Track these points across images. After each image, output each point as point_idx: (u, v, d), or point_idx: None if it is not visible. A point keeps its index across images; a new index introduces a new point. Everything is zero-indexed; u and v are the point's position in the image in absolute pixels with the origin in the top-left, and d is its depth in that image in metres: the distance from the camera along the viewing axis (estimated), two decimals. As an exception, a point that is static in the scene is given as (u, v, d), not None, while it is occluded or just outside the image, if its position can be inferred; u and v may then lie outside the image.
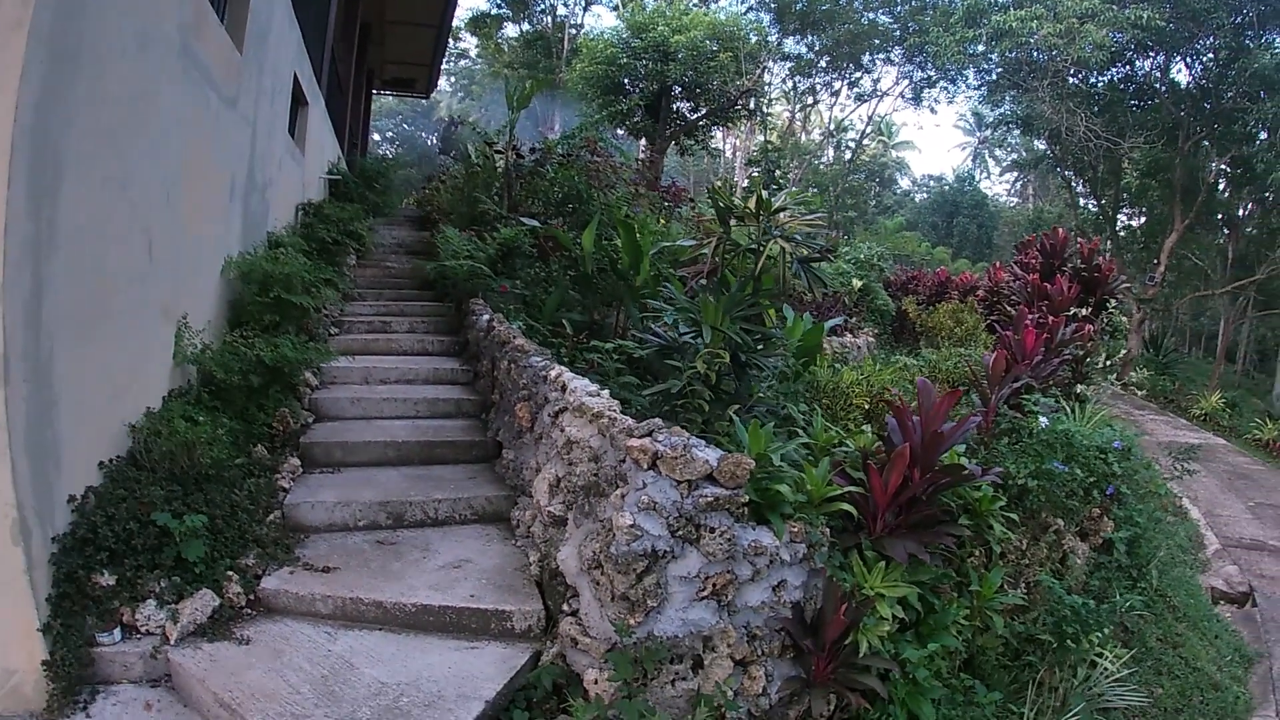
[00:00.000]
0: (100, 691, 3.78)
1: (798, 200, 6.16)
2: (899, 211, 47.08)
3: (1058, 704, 5.16)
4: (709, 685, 3.84)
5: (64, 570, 3.82)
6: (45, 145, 3.57)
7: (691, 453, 3.75)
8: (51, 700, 3.62)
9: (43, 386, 3.68)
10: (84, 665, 3.77)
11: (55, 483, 3.85)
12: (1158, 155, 26.98)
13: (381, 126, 42.34)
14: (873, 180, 49.02)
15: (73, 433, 3.97)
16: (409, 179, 22.72)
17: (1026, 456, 6.00)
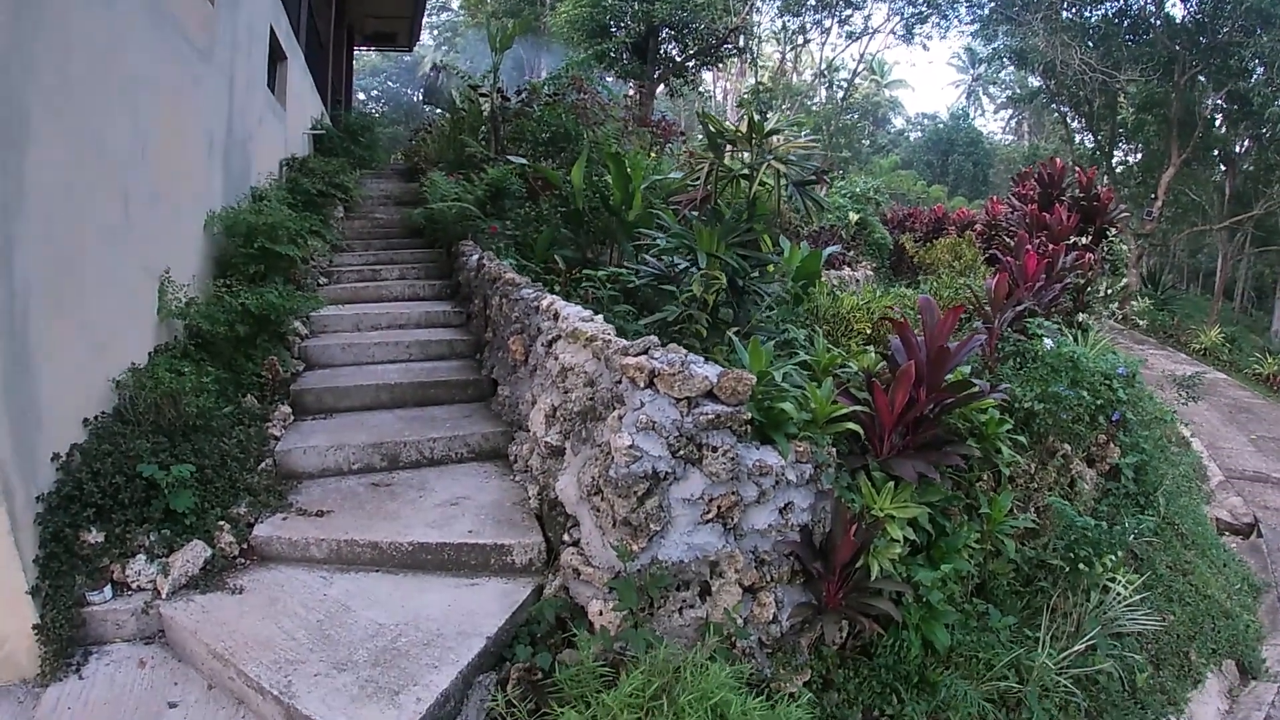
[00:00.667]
0: (93, 652, 3.70)
1: (791, 123, 5.95)
2: (893, 151, 46.50)
3: (1072, 629, 5.10)
4: (718, 613, 3.73)
5: (50, 530, 3.72)
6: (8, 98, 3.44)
7: (690, 369, 3.59)
8: (44, 665, 3.54)
9: (18, 344, 3.56)
10: (75, 626, 3.69)
11: (37, 441, 3.74)
12: (1153, 90, 26.65)
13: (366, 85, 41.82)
14: (866, 120, 48.49)
15: (54, 390, 3.86)
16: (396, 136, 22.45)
17: (1032, 380, 5.88)
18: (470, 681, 3.48)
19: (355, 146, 12.68)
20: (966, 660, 4.60)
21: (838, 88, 42.66)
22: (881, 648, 4.32)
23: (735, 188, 5.85)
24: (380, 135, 14.64)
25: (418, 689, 3.28)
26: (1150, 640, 5.80)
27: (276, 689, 3.25)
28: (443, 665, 3.44)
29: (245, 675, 3.36)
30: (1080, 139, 32.82)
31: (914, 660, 4.33)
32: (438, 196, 8.35)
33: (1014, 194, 14.08)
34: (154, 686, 3.53)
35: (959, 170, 43.80)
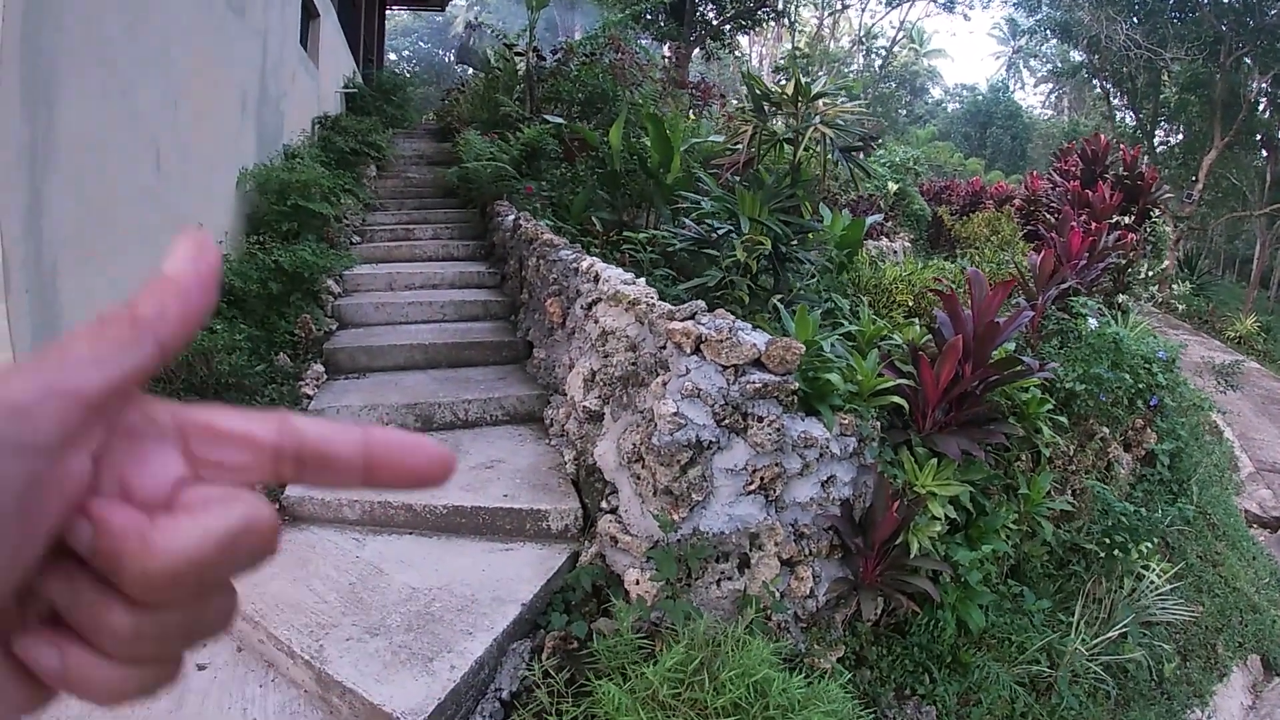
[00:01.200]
0: None
1: (838, 86, 5.79)
2: (930, 121, 45.60)
3: (1104, 615, 5.02)
4: (755, 585, 3.67)
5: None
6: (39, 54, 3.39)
7: (738, 335, 3.50)
8: None
9: (47, 299, 3.54)
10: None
11: None
12: (1198, 70, 25.99)
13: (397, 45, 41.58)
14: (903, 89, 47.61)
15: None
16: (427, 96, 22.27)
17: (1074, 360, 5.75)
18: (505, 649, 3.44)
19: (388, 105, 12.59)
20: (999, 642, 4.56)
21: (875, 55, 42.05)
22: (916, 626, 4.27)
23: (777, 152, 5.71)
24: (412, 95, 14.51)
25: (452, 656, 3.22)
26: (1179, 630, 5.76)
27: (308, 653, 3.20)
28: (477, 632, 3.38)
29: (275, 638, 3.32)
30: (1121, 117, 32.16)
31: (948, 640, 4.28)
32: (472, 155, 8.24)
33: (1055, 169, 13.78)
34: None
35: (997, 143, 42.94)
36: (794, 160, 5.32)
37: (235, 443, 0.38)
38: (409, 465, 0.40)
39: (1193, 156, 28.85)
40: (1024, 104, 47.28)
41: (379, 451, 0.39)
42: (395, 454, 0.39)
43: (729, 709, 2.83)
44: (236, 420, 0.38)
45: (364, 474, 0.39)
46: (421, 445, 0.40)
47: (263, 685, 3.30)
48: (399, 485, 0.40)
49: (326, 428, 0.39)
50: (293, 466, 0.38)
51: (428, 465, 0.40)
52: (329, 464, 0.39)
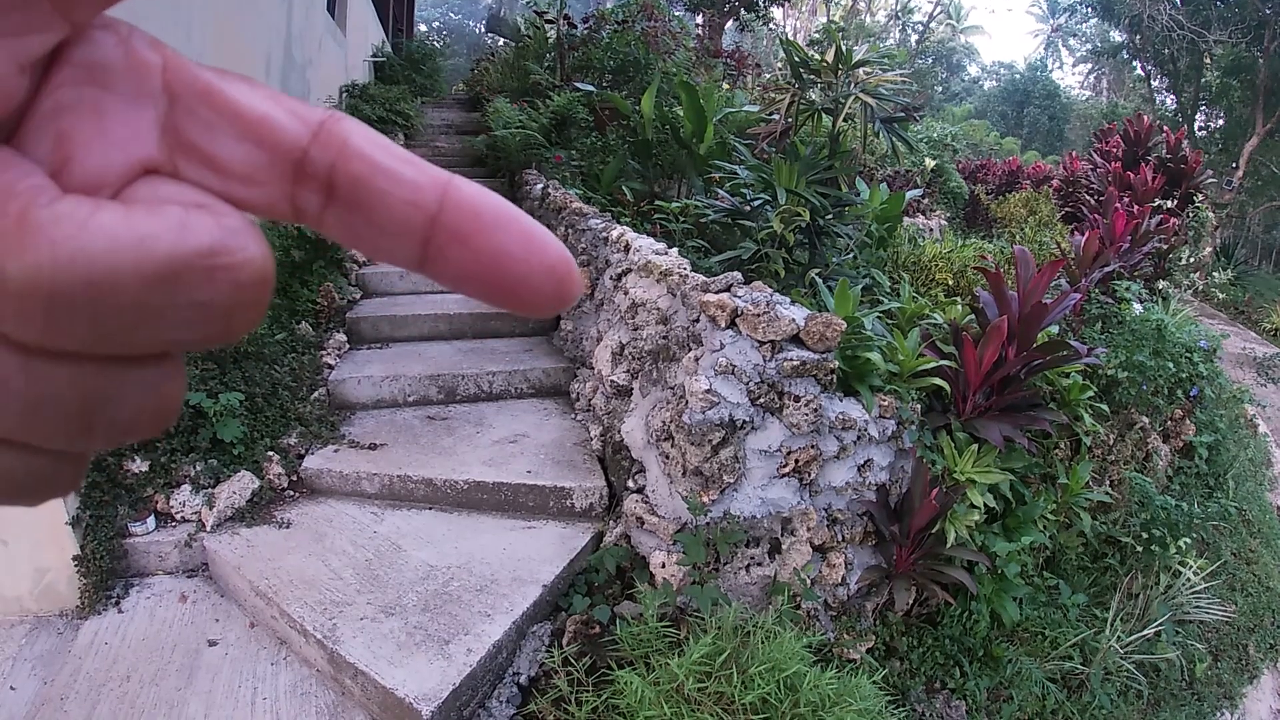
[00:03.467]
0: (134, 584, 3.60)
1: (881, 54, 5.56)
2: (967, 99, 44.86)
3: (1138, 611, 4.88)
4: (785, 572, 3.52)
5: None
6: None
7: (776, 310, 3.32)
8: (84, 596, 3.46)
9: None
10: (116, 558, 3.60)
11: None
12: (1241, 54, 25.32)
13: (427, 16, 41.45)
14: (940, 65, 46.84)
15: None
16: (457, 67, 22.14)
17: (1117, 346, 5.55)
18: (524, 632, 3.32)
19: (416, 75, 12.46)
20: (1032, 636, 4.45)
21: (912, 30, 41.44)
22: (948, 618, 4.14)
23: (815, 123, 5.51)
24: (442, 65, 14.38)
25: (469, 638, 3.10)
26: (1211, 630, 5.60)
27: (320, 632, 3.10)
28: (496, 614, 3.26)
29: (288, 616, 3.23)
30: (1161, 100, 31.45)
31: (980, 633, 4.15)
32: (501, 124, 8.09)
33: (1096, 150, 13.43)
34: (194, 623, 3.41)
35: (1034, 123, 42.13)
36: (833, 130, 5.11)
37: (244, 129, 0.25)
38: (498, 248, 0.25)
39: (1233, 142, 28.17)
40: (1062, 84, 46.39)
41: (457, 210, 0.25)
42: (482, 223, 0.25)
43: (757, 705, 2.69)
44: (256, 99, 0.25)
45: (423, 238, 0.25)
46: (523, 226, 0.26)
47: (274, 663, 3.22)
48: (474, 278, 0.25)
49: (388, 149, 0.26)
50: (319, 193, 0.25)
51: (525, 258, 0.25)
52: (374, 203, 0.25)
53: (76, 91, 0.24)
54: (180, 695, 2.98)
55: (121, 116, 0.24)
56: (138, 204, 0.23)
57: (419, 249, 0.25)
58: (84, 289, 0.20)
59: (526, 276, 0.25)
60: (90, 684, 3.01)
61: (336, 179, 0.24)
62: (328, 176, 0.24)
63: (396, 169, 0.25)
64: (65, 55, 0.24)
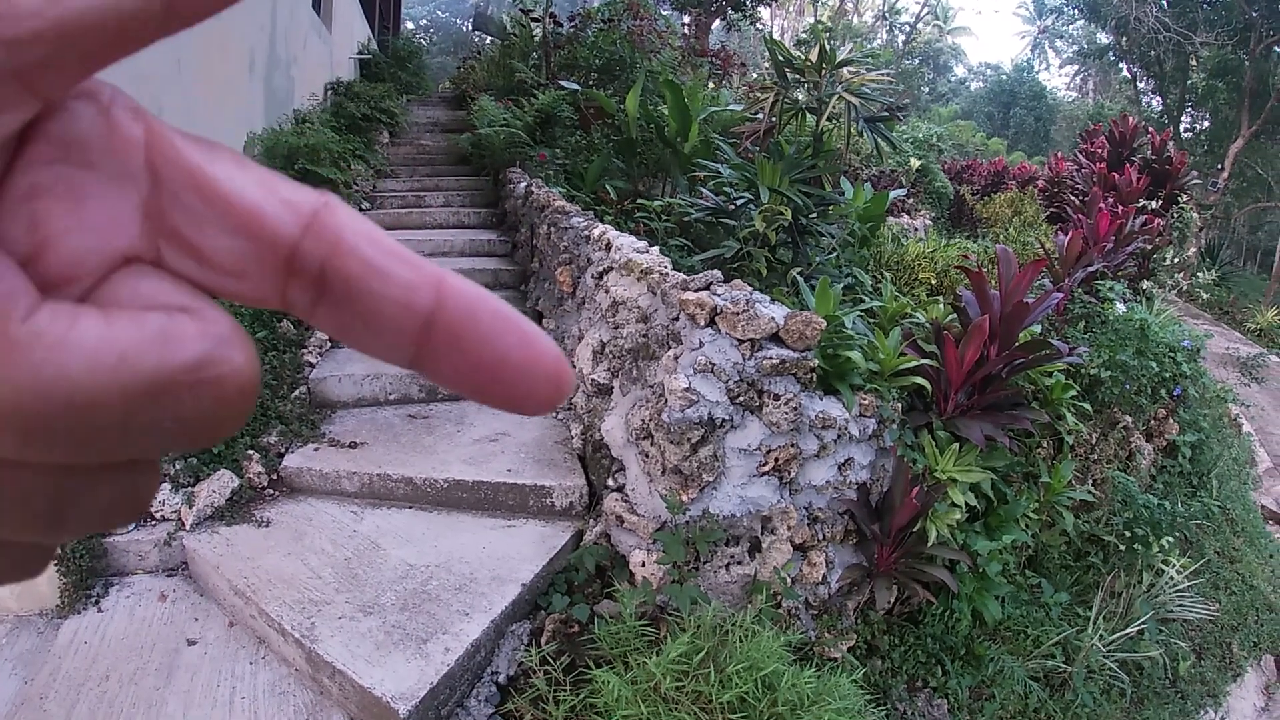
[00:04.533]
0: (114, 584, 3.58)
1: (865, 54, 5.57)
2: (953, 99, 45.18)
3: (1121, 610, 4.92)
4: (766, 571, 3.52)
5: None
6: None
7: (755, 308, 3.31)
8: (64, 596, 3.44)
9: None
10: (96, 557, 3.58)
11: None
12: (1227, 57, 25.53)
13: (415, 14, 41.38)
14: (926, 66, 47.07)
15: None
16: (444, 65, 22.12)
17: (1100, 345, 5.57)
18: (503, 631, 3.30)
19: (402, 73, 12.46)
20: (1014, 635, 4.46)
21: (899, 31, 41.62)
22: (929, 616, 4.15)
23: (799, 122, 5.51)
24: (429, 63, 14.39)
25: (447, 638, 3.09)
26: (1194, 628, 5.65)
27: (298, 631, 3.08)
28: (474, 613, 3.24)
29: (267, 615, 3.21)
30: (1147, 101, 31.67)
31: (962, 632, 4.16)
32: (485, 122, 8.09)
33: (1081, 151, 13.51)
34: (174, 622, 3.39)
35: (1020, 124, 42.41)
36: (816, 130, 5.12)
37: (234, 222, 0.23)
38: (495, 353, 0.24)
39: (1219, 144, 28.39)
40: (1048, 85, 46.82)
41: (453, 312, 0.24)
42: (478, 326, 0.24)
43: (735, 704, 2.68)
44: (247, 186, 0.24)
45: (416, 339, 0.24)
46: (520, 329, 0.24)
47: (253, 662, 3.21)
48: (468, 381, 0.24)
49: (381, 244, 0.24)
50: (310, 289, 0.24)
51: (522, 364, 0.24)
52: (367, 303, 0.23)
53: (53, 171, 0.22)
54: (159, 694, 2.96)
55: (101, 199, 0.23)
56: (119, 310, 0.21)
57: (411, 350, 0.24)
58: (63, 412, 0.19)
59: (522, 381, 0.24)
60: (69, 683, 2.99)
61: (329, 277, 0.23)
62: (319, 273, 0.23)
63: (390, 269, 0.23)
64: (40, 129, 0.22)
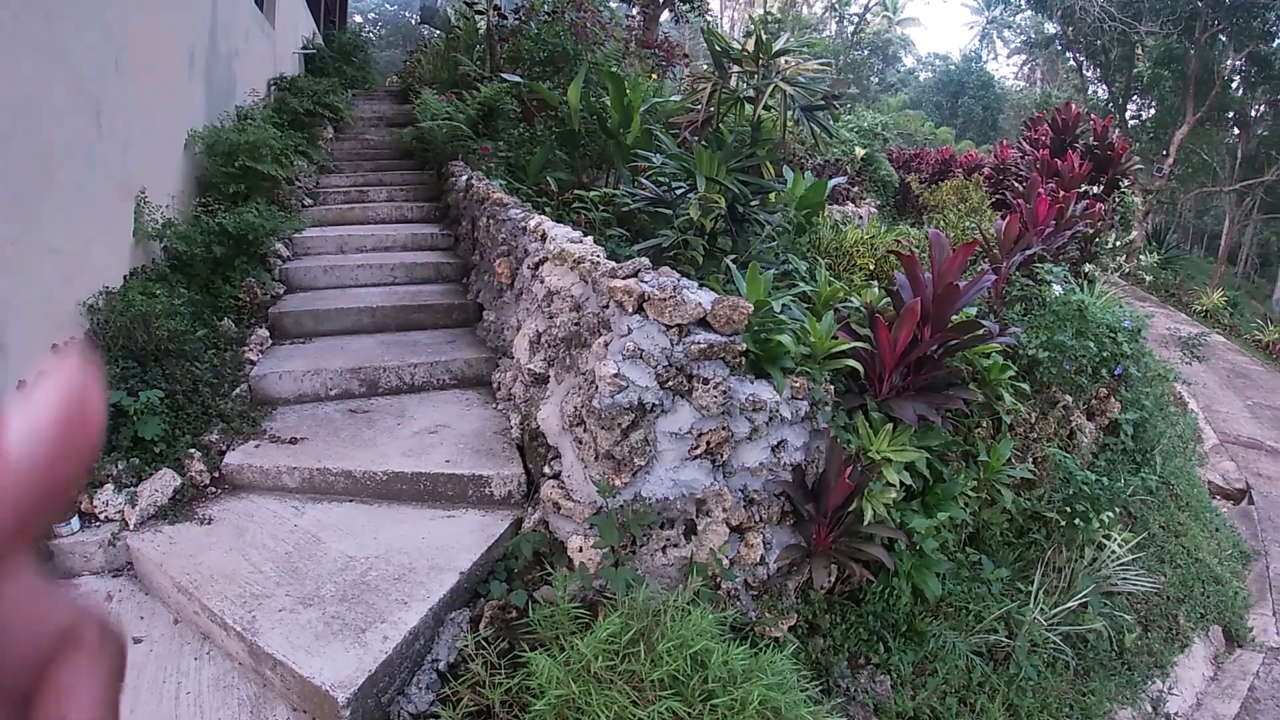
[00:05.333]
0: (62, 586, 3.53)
1: (802, 44, 5.63)
2: (902, 90, 45.52)
3: (1064, 584, 5.01)
4: (703, 553, 3.57)
5: None
6: None
7: (682, 294, 3.35)
8: None
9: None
10: (44, 560, 3.56)
11: (2, 368, 3.58)
12: (1172, 45, 26.01)
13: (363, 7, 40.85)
14: (876, 57, 47.28)
15: (19, 316, 3.70)
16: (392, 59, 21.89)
17: (1038, 327, 5.69)
18: (442, 619, 3.33)
19: (348, 67, 12.32)
20: (956, 611, 4.53)
21: (848, 22, 41.87)
22: (870, 594, 4.22)
23: (739, 112, 5.56)
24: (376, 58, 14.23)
25: (385, 626, 3.12)
26: (1140, 600, 5.76)
27: (240, 625, 3.11)
28: (413, 601, 3.28)
29: (209, 610, 3.23)
30: (1094, 89, 32.19)
31: (903, 609, 4.23)
32: (428, 115, 8.08)
33: (1025, 138, 13.75)
34: (120, 621, 3.36)
35: (968, 113, 42.97)
36: (754, 119, 5.17)
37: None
38: None
39: (1164, 131, 28.94)
40: (996, 75, 47.41)
41: None
42: None
43: (666, 681, 2.72)
44: None
45: None
46: None
47: (198, 658, 3.23)
48: None
49: None
50: None
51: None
52: None
53: None
54: (105, 694, 2.97)
55: None
56: None
57: None
58: None
59: None
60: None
61: None
62: None
63: None
64: None
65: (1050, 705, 4.47)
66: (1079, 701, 4.66)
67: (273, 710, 2.97)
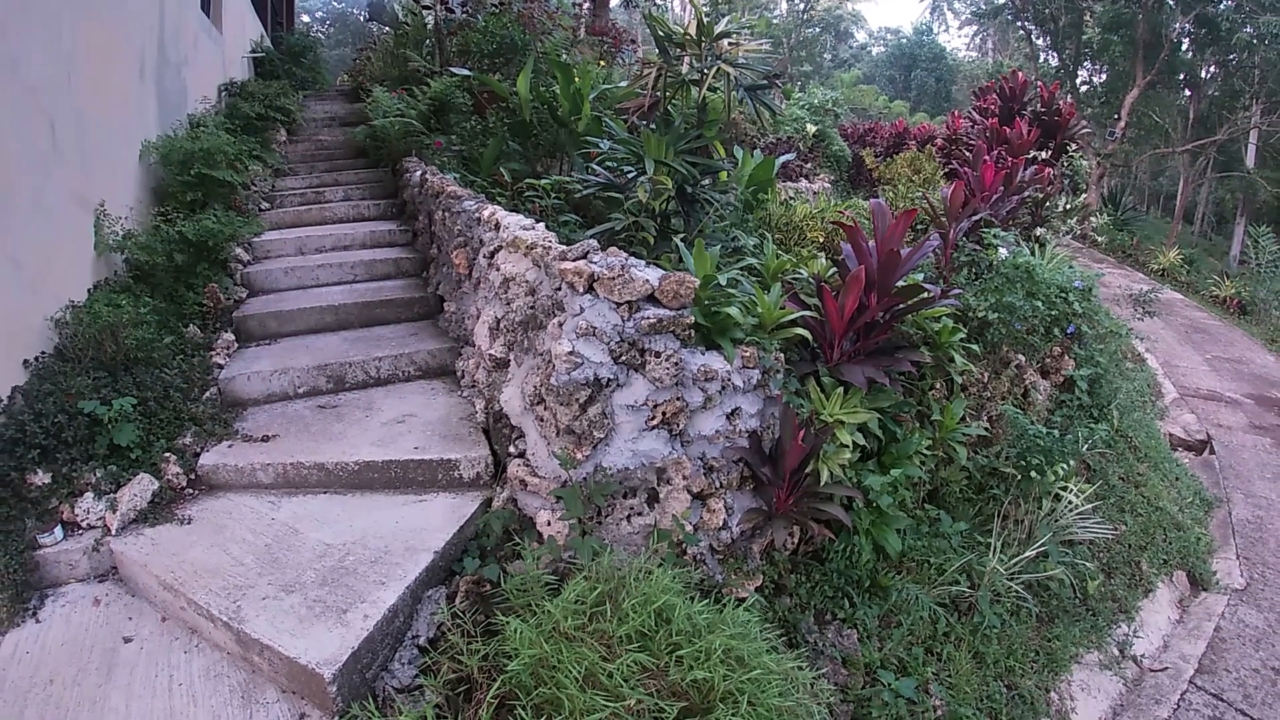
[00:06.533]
0: (49, 595, 3.66)
1: (743, 25, 5.76)
2: (855, 65, 45.89)
3: (1023, 536, 5.16)
4: (666, 520, 3.72)
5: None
6: None
7: (630, 272, 3.50)
8: (1, 612, 3.48)
9: None
10: (29, 570, 3.64)
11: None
12: (1120, 10, 26.32)
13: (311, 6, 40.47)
14: (828, 33, 47.52)
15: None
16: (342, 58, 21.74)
17: (987, 290, 5.86)
18: (419, 596, 3.46)
19: (298, 69, 12.28)
20: (918, 565, 4.67)
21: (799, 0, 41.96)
22: (833, 553, 4.36)
23: (686, 95, 5.68)
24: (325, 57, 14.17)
25: (365, 606, 3.25)
26: (1102, 549, 5.89)
27: (226, 615, 3.22)
28: (390, 581, 3.41)
29: (195, 604, 3.33)
30: (1044, 57, 32.52)
31: (865, 565, 4.38)
32: (380, 113, 8.14)
33: (975, 108, 13.97)
34: (109, 623, 3.50)
35: (921, 86, 43.41)
36: (699, 100, 5.30)
37: None
38: None
39: (1115, 95, 29.33)
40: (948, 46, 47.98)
41: None
42: None
43: (633, 637, 2.87)
44: None
45: None
46: None
47: (187, 651, 3.34)
48: None
49: None
50: None
51: None
52: None
53: None
54: (102, 691, 3.10)
55: None
56: None
57: None
58: None
59: None
60: (16, 691, 3.08)
61: None
62: None
63: None
64: None
65: (1016, 651, 4.63)
66: (1044, 647, 4.81)
67: (262, 693, 3.09)
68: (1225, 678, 5.13)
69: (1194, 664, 5.23)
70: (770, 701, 2.82)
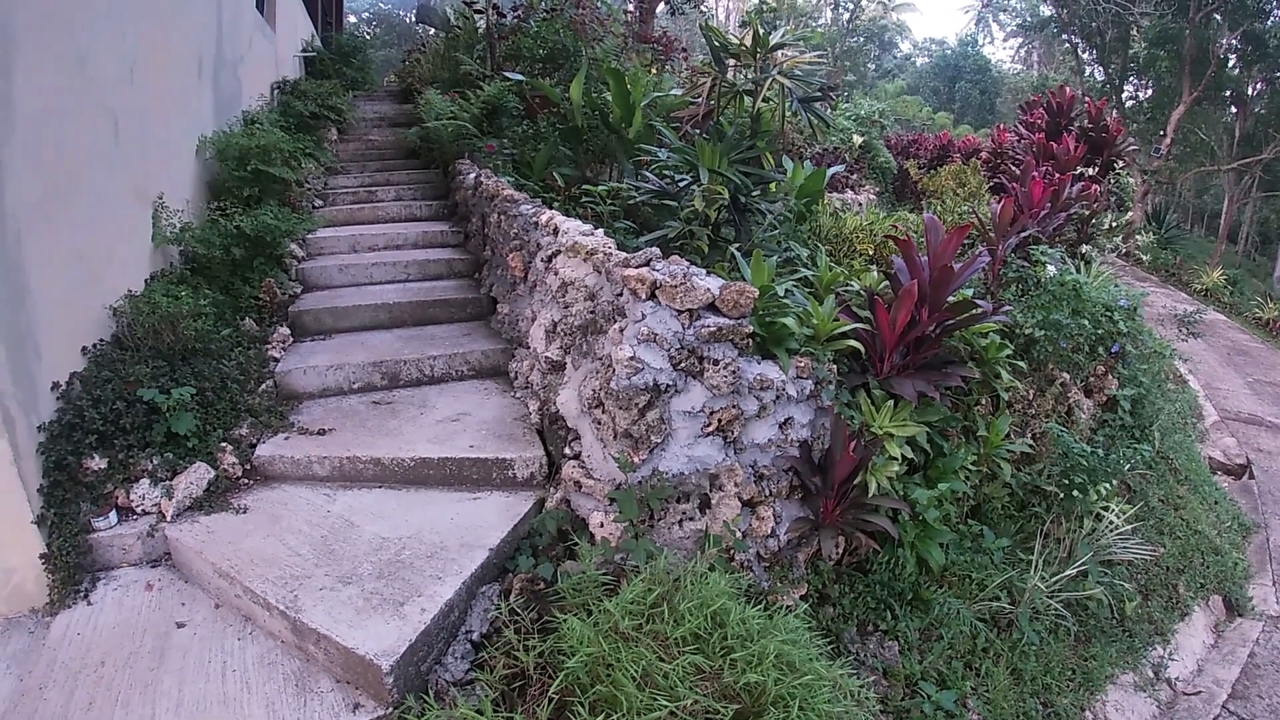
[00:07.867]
0: (101, 578, 3.74)
1: (797, 37, 5.80)
2: (899, 76, 45.66)
3: (1064, 554, 5.14)
4: (717, 525, 3.76)
5: (53, 458, 3.73)
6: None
7: (692, 280, 3.55)
8: (52, 593, 3.58)
9: (13, 272, 3.53)
10: (82, 553, 3.72)
11: (36, 370, 3.73)
12: (1167, 25, 25.98)
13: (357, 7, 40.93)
14: (872, 43, 47.37)
15: (50, 318, 3.84)
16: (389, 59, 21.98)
17: (1034, 307, 5.85)
18: (474, 592, 3.52)
19: (347, 69, 12.45)
20: (960, 580, 4.68)
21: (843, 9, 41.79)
22: (877, 564, 4.38)
23: (738, 105, 5.73)
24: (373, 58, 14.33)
25: (422, 599, 3.30)
26: (1140, 570, 5.85)
27: (283, 604, 3.28)
28: (446, 576, 3.46)
29: (251, 592, 3.40)
30: (1090, 71, 32.20)
31: (909, 578, 4.39)
32: (433, 115, 8.24)
33: (1021, 122, 13.87)
34: (162, 608, 3.57)
35: (965, 98, 43.06)
36: (753, 111, 5.35)
37: None
38: None
39: (1161, 111, 28.93)
40: (993, 58, 47.56)
41: None
42: None
43: (689, 639, 2.92)
44: None
45: None
46: None
47: (241, 638, 3.39)
48: None
49: None
50: None
51: None
52: None
53: None
54: (154, 674, 3.15)
55: None
56: None
57: None
58: None
59: None
60: (67, 672, 3.15)
61: None
62: None
63: None
64: None
65: (1053, 669, 4.62)
66: (1081, 666, 4.79)
67: (317, 682, 3.14)
68: (1258, 704, 5.09)
69: (1227, 689, 5.20)
70: (820, 707, 2.85)
